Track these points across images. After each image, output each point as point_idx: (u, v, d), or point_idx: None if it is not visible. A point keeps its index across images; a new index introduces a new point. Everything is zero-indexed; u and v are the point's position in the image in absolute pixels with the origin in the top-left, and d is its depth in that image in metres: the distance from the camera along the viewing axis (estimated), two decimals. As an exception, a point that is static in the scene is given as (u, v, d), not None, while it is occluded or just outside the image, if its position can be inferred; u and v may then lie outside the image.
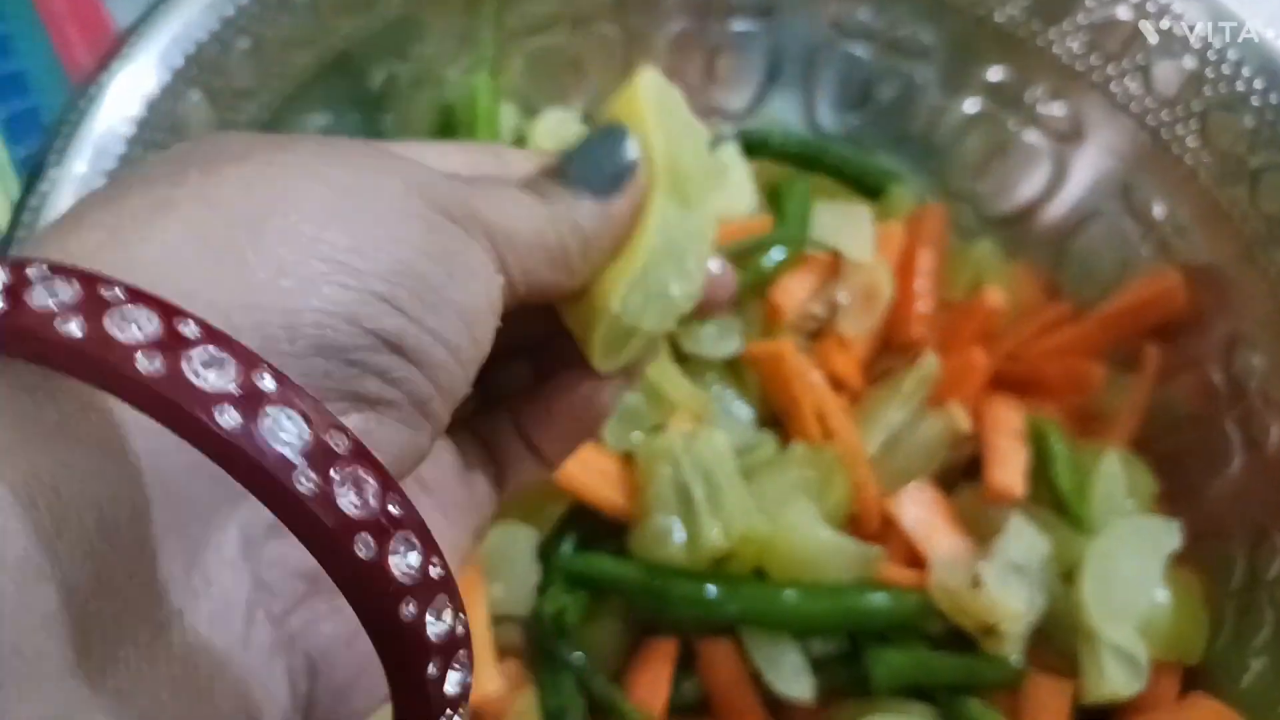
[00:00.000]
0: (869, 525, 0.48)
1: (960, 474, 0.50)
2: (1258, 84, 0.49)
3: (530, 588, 0.44)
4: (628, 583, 0.44)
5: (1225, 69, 0.50)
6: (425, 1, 0.53)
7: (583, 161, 0.26)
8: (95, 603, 0.16)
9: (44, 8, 0.66)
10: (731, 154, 0.53)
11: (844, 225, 0.52)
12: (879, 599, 0.44)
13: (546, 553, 0.45)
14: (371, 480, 0.17)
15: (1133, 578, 0.44)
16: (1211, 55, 0.50)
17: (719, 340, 0.49)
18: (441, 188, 0.22)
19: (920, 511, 0.47)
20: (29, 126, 0.63)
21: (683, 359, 0.49)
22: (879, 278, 0.51)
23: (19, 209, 0.40)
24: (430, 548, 0.17)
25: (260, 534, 0.19)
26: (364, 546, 0.16)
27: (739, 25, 0.58)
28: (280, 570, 0.20)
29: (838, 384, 0.50)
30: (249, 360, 0.16)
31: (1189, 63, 0.51)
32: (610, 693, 0.43)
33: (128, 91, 0.43)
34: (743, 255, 0.50)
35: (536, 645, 0.44)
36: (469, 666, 0.18)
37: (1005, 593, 0.42)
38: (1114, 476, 0.47)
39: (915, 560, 0.46)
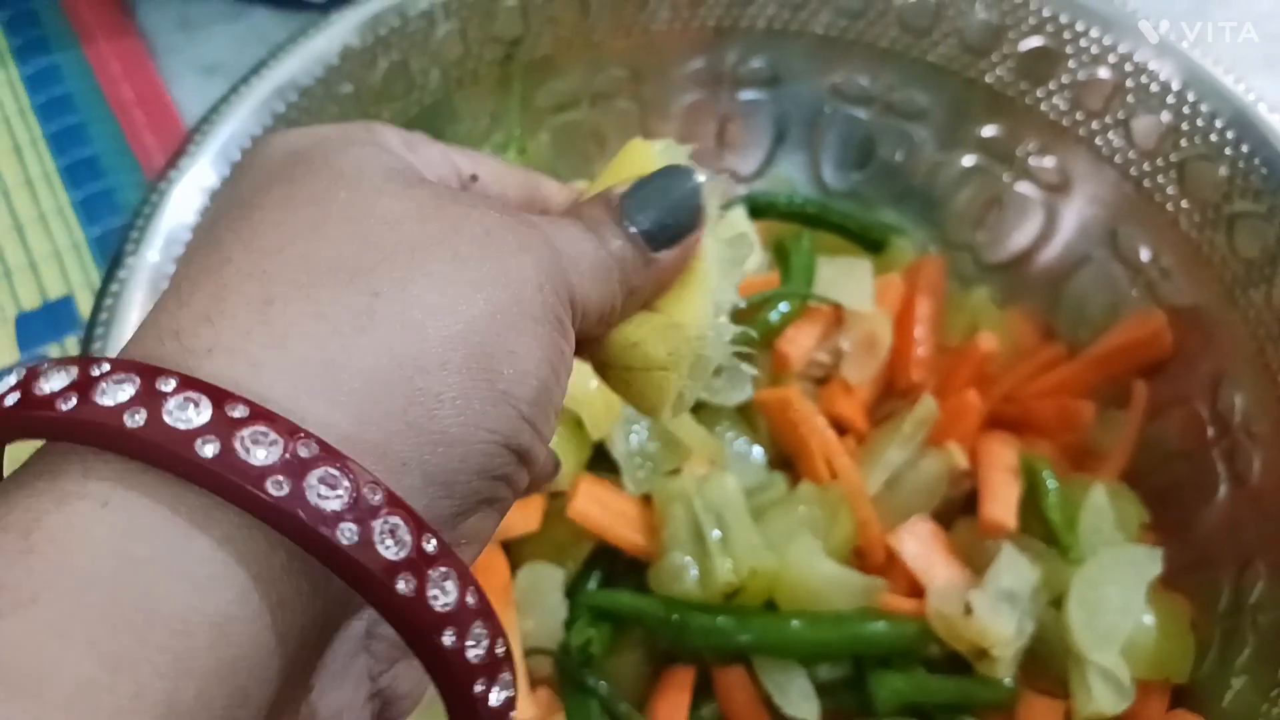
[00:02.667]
0: (873, 558, 0.51)
1: (959, 509, 0.53)
2: (1230, 135, 0.52)
3: (559, 622, 0.48)
4: (648, 616, 0.48)
5: (1200, 122, 0.53)
6: (458, 86, 0.58)
7: (645, 206, 0.28)
8: (279, 693, 0.20)
9: (114, 98, 0.73)
10: (739, 216, 0.57)
11: (845, 279, 0.56)
12: (880, 626, 0.47)
13: (573, 590, 0.49)
14: (455, 576, 0.20)
15: (1117, 603, 0.47)
16: (1186, 109, 0.54)
17: (730, 389, 0.53)
18: (557, 272, 0.25)
19: (919, 545, 0.50)
20: (103, 208, 0.69)
21: (697, 407, 0.53)
22: (879, 327, 0.55)
23: (101, 295, 0.45)
24: (466, 580, 0.20)
25: (376, 621, 0.23)
26: (404, 584, 0.19)
27: (747, 95, 0.63)
28: (382, 643, 0.23)
29: (842, 427, 0.54)
30: (291, 431, 0.19)
31: (1166, 117, 0.54)
32: (634, 718, 0.46)
33: (192, 186, 0.48)
34: (752, 310, 0.54)
35: (565, 675, 0.48)
36: (512, 684, 0.21)
37: (995, 619, 0.46)
38: (1101, 508, 0.50)
39: (916, 590, 0.50)
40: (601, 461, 0.51)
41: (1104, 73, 0.56)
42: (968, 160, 0.61)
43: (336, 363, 0.20)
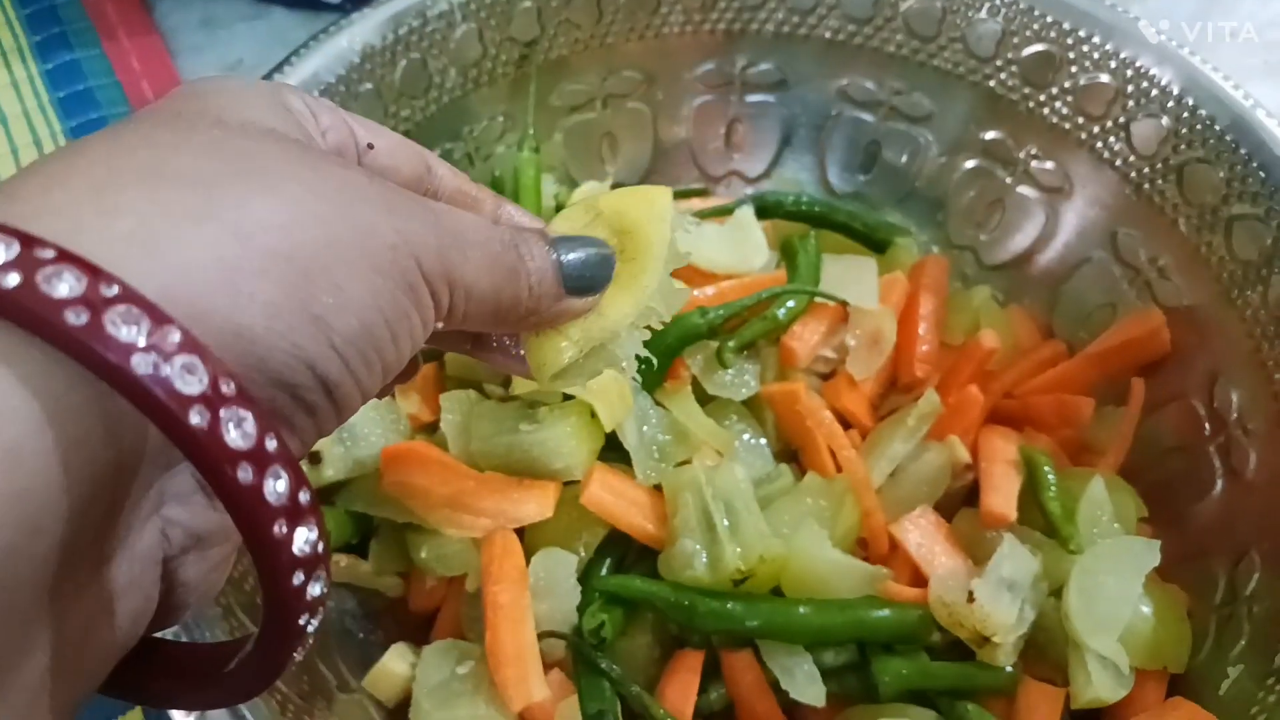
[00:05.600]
0: (877, 548, 0.52)
1: (960, 501, 0.55)
2: (1228, 139, 0.54)
3: (572, 607, 0.49)
4: (659, 600, 0.49)
5: (1199, 126, 0.54)
6: (475, 86, 0.59)
7: (574, 265, 0.31)
8: (73, 539, 0.21)
9: (134, 94, 0.74)
10: (747, 216, 0.59)
11: (851, 276, 0.57)
12: (884, 613, 0.49)
13: (586, 575, 0.50)
14: (252, 418, 0.21)
15: (1115, 592, 0.48)
16: (1185, 114, 0.55)
17: (739, 383, 0.54)
18: (427, 245, 0.26)
19: (922, 535, 0.51)
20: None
21: (706, 400, 0.54)
22: (884, 323, 0.56)
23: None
24: (299, 479, 0.21)
25: (168, 497, 0.24)
26: (244, 473, 0.20)
27: (755, 97, 0.64)
28: (177, 529, 0.24)
29: (848, 420, 0.55)
30: (95, 272, 0.20)
31: (1166, 121, 0.56)
32: (644, 699, 0.47)
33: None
34: (760, 306, 0.56)
35: (578, 657, 0.49)
36: (326, 579, 0.22)
37: (996, 607, 0.47)
38: (1100, 500, 0.51)
39: (919, 580, 0.51)
40: (612, 452, 0.52)
41: (1105, 78, 0.57)
42: (970, 163, 0.63)
43: (156, 244, 0.22)
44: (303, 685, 0.45)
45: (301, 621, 0.22)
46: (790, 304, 0.56)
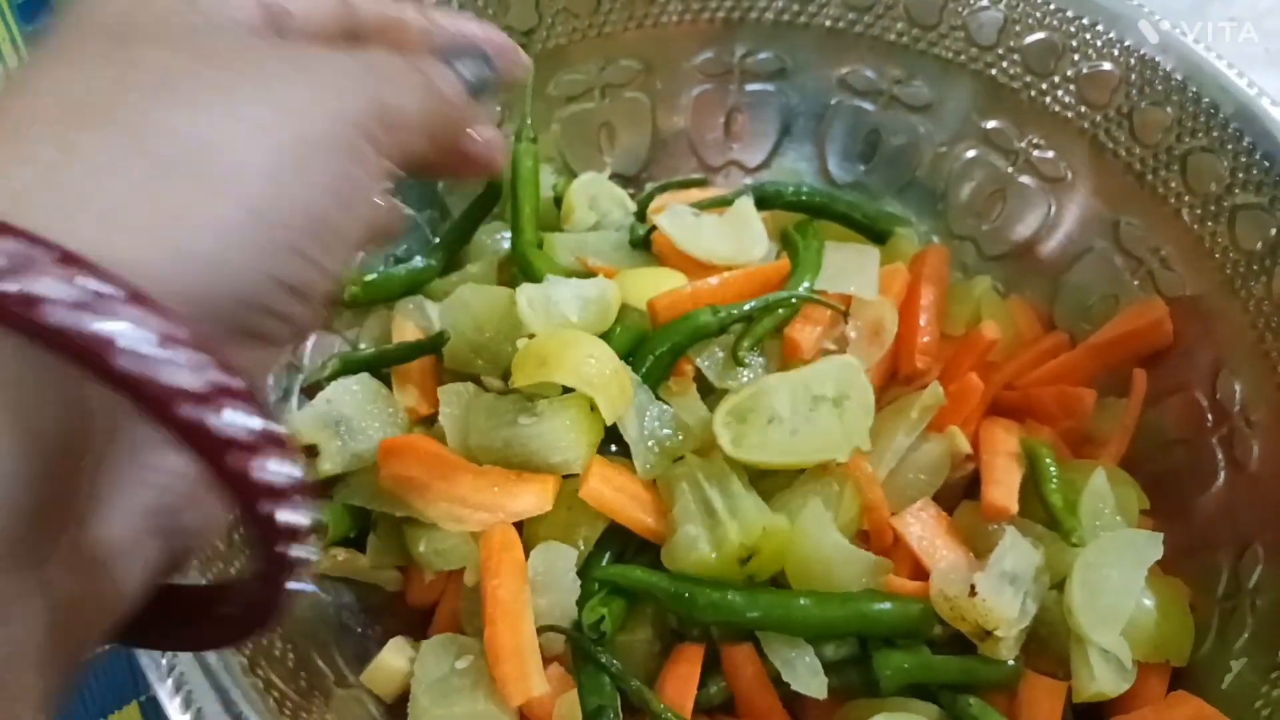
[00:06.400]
0: (880, 540, 0.52)
1: (961, 492, 0.54)
2: (1232, 128, 0.53)
3: (571, 601, 0.48)
4: (659, 591, 0.48)
5: (1202, 115, 0.54)
6: (470, 75, 0.59)
7: (467, 68, 0.32)
8: (46, 503, 0.20)
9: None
10: (747, 206, 0.58)
11: (852, 266, 0.57)
12: (886, 606, 0.48)
13: (585, 570, 0.50)
14: (211, 361, 0.20)
15: (1118, 586, 0.47)
16: (1189, 103, 0.54)
17: (740, 374, 0.54)
18: (373, 98, 0.26)
19: (924, 528, 0.51)
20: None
21: (706, 391, 0.53)
22: (884, 314, 0.56)
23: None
24: (258, 410, 0.21)
25: (141, 446, 0.23)
26: (190, 410, 0.19)
27: (755, 86, 0.64)
28: (163, 474, 0.24)
29: (849, 412, 0.55)
30: (13, 233, 0.19)
31: (1169, 110, 0.55)
32: (644, 693, 0.47)
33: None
34: (763, 311, 0.55)
35: (577, 652, 0.48)
36: (305, 507, 0.21)
37: (999, 600, 0.47)
38: (1102, 493, 0.51)
39: (920, 574, 0.50)
40: (607, 446, 0.52)
41: (1108, 66, 0.57)
42: (971, 152, 0.62)
43: (78, 188, 0.21)
44: (300, 682, 0.45)
45: (279, 549, 0.22)
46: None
